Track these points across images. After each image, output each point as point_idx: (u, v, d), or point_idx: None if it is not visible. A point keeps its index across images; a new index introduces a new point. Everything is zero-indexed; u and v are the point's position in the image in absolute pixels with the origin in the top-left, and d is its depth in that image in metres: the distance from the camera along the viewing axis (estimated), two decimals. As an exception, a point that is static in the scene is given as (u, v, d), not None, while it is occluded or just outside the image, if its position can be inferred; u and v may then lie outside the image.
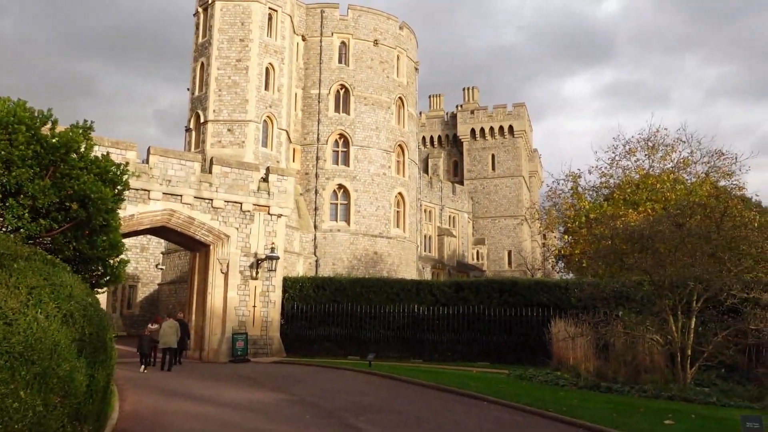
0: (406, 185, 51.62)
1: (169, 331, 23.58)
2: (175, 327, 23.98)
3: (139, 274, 44.73)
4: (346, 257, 47.10)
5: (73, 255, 9.39)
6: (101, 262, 9.65)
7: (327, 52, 49.78)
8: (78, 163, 9.51)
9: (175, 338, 23.66)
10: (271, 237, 30.68)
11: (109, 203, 9.22)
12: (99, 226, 9.23)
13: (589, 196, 36.04)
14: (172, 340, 23.42)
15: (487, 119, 74.33)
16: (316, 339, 31.08)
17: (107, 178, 9.50)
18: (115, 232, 9.81)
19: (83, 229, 9.24)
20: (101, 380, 8.37)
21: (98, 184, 9.20)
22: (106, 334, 8.67)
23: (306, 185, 48.43)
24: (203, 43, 45.14)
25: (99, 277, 9.99)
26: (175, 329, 23.87)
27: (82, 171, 9.46)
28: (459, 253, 68.25)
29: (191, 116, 45.11)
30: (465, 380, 19.19)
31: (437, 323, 30.22)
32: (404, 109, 52.41)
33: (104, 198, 9.13)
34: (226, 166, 30.03)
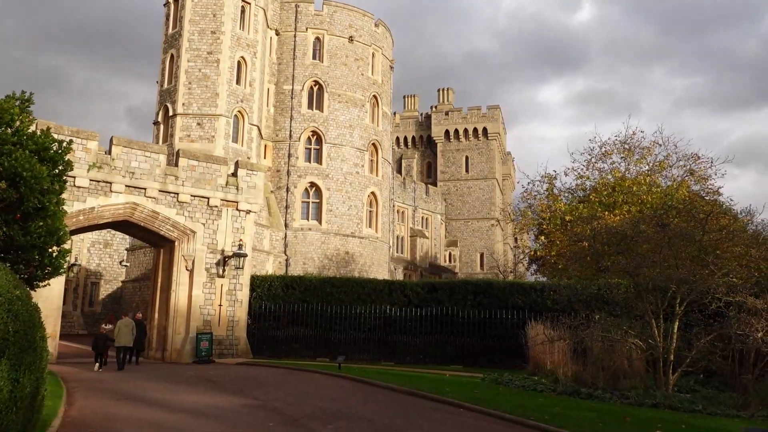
0: (380, 185, 50.61)
1: (124, 330, 23.01)
2: (130, 326, 23.40)
3: (102, 271, 42.94)
4: (317, 257, 45.90)
5: (3, 242, 8.17)
6: (38, 250, 8.44)
7: (301, 47, 48.56)
8: (11, 137, 8.29)
9: (131, 337, 23.07)
10: (239, 234, 29.38)
11: (45, 183, 8.03)
12: (33, 209, 8.03)
13: (564, 198, 35.39)
14: (127, 339, 22.85)
15: (462, 121, 73.66)
16: (285, 340, 29.83)
17: (46, 156, 8.30)
18: (54, 217, 8.61)
19: (14, 212, 8.03)
20: (28, 385, 7.18)
21: (33, 161, 7.99)
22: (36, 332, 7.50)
23: (277, 183, 47.11)
24: (173, 35, 43.60)
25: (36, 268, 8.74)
26: (130, 328, 23.29)
27: (15, 147, 8.25)
28: (431, 255, 67.41)
29: (159, 109, 43.53)
30: (439, 385, 18.19)
31: (409, 325, 29.20)
32: (379, 107, 51.41)
33: (39, 177, 7.93)
34: (193, 159, 28.65)
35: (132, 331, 23.26)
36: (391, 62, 54.26)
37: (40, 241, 8.28)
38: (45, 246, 8.45)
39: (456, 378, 21.26)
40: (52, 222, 8.47)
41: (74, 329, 39.62)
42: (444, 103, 77.10)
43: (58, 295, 25.22)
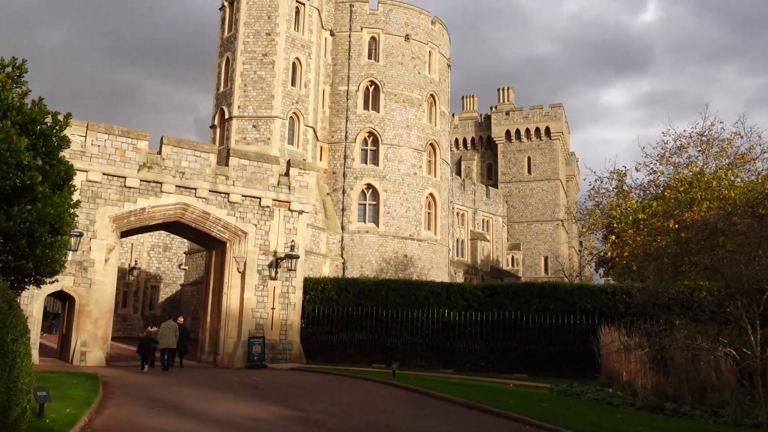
0: (438, 186, 48.82)
1: (167, 332, 23.24)
2: (173, 328, 23.58)
3: (162, 274, 42.76)
4: (374, 260, 44.47)
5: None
6: (26, 239, 7.25)
7: (356, 47, 47.38)
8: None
9: (174, 339, 23.30)
10: (291, 235, 28.21)
11: (25, 157, 6.85)
12: (13, 188, 6.84)
13: (636, 195, 32.75)
14: (170, 341, 23.11)
15: (523, 120, 71.05)
16: (339, 345, 28.44)
17: (34, 130, 7.12)
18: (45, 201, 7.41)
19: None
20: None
21: (10, 131, 6.79)
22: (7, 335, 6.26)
23: (333, 185, 45.98)
24: (228, 38, 43.17)
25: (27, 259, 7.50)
26: (173, 330, 23.49)
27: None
28: (493, 259, 65.04)
29: (216, 113, 43.13)
30: (501, 396, 16.34)
31: (469, 330, 27.31)
32: (436, 106, 49.67)
33: (15, 150, 6.73)
34: (244, 158, 27.68)
35: (175, 333, 23.40)
36: (449, 60, 52.46)
37: (25, 227, 7.08)
38: (34, 233, 7.28)
39: (520, 388, 19.32)
40: (42, 206, 7.29)
41: (134, 332, 39.47)
42: (504, 103, 74.64)
43: (109, 297, 24.63)
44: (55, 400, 13.00)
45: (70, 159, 24.07)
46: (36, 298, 22.96)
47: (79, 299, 23.61)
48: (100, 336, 23.94)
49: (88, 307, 23.65)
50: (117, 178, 24.72)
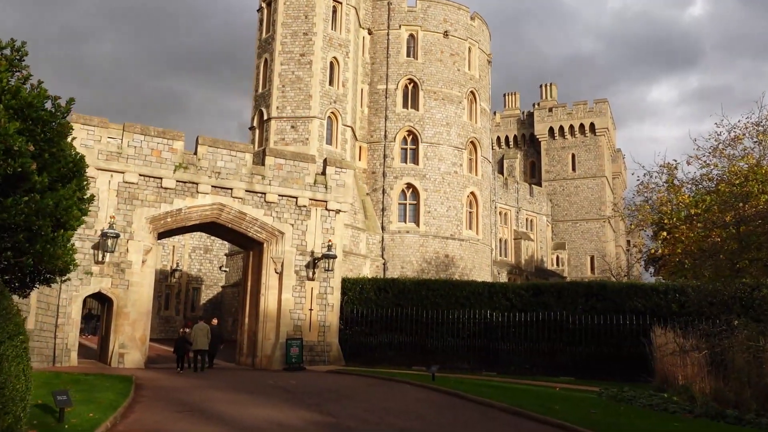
0: (479, 184, 47.67)
1: (200, 334, 23.29)
2: (205, 330, 23.55)
3: (203, 276, 42.78)
4: (415, 260, 43.61)
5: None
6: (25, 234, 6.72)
7: (394, 45, 46.65)
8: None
9: (206, 341, 23.31)
10: (328, 234, 27.60)
11: (15, 142, 6.31)
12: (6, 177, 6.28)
13: (687, 190, 31.02)
14: (203, 343, 23.14)
15: (567, 117, 69.20)
16: (378, 347, 27.71)
17: (30, 115, 6.58)
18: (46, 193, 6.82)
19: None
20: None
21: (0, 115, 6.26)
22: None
23: (373, 185, 45.32)
24: (266, 39, 42.99)
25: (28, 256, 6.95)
26: (205, 332, 23.46)
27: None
28: (537, 258, 63.46)
29: (254, 114, 42.98)
30: (547, 401, 15.32)
31: (513, 331, 26.25)
32: (476, 104, 48.55)
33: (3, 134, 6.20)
34: (280, 157, 27.21)
35: (207, 335, 23.37)
36: (489, 56, 51.27)
37: (21, 219, 6.54)
38: (31, 227, 6.75)
39: (567, 393, 18.22)
40: (41, 198, 6.74)
41: (176, 334, 39.48)
42: (547, 100, 72.89)
43: (147, 298, 24.39)
44: (82, 403, 12.60)
45: (107, 160, 24.17)
46: (74, 299, 22.89)
47: (116, 301, 23.45)
48: (137, 338, 23.74)
49: (125, 309, 23.47)
50: (153, 179, 24.51)
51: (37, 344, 20.60)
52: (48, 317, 21.65)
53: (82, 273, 23.00)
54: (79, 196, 8.06)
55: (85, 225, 23.43)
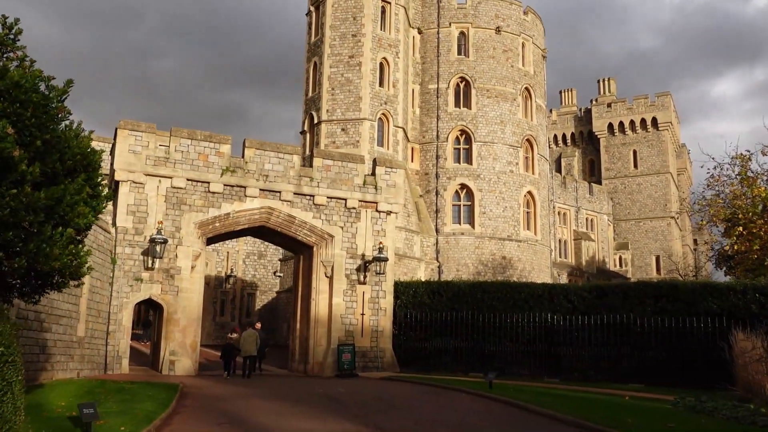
0: (536, 183, 45.86)
1: (248, 340, 23.13)
2: (254, 336, 23.40)
3: (258, 282, 42.49)
4: (471, 262, 42.17)
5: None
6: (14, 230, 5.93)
7: (445, 43, 45.41)
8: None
9: (255, 347, 23.15)
10: (379, 236, 26.62)
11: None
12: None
13: (763, 182, 28.64)
14: (251, 349, 22.99)
15: (627, 112, 66.30)
16: (433, 352, 26.49)
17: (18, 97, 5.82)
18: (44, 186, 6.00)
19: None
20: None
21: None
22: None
23: (426, 186, 44.15)
24: (315, 42, 42.50)
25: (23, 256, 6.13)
26: (254, 338, 23.29)
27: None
28: (599, 259, 60.86)
29: (305, 118, 42.53)
30: (617, 412, 13.83)
31: (575, 335, 24.61)
32: (532, 100, 46.78)
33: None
34: (328, 158, 26.41)
35: (256, 341, 23.22)
36: (543, 51, 49.40)
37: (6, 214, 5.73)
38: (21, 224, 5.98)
39: (638, 402, 16.61)
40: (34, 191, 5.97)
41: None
42: (605, 95, 70.07)
43: (197, 305, 23.93)
44: (118, 415, 11.95)
45: (155, 165, 23.88)
46: (125, 306, 22.59)
47: (166, 307, 23.06)
48: (188, 344, 23.27)
49: (175, 315, 23.05)
50: (201, 184, 24.06)
51: (87, 352, 20.34)
52: (99, 324, 21.38)
53: (132, 279, 22.73)
54: (89, 192, 7.26)
55: (134, 231, 23.39)
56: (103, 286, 21.74)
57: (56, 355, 17.82)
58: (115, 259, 22.56)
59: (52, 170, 6.40)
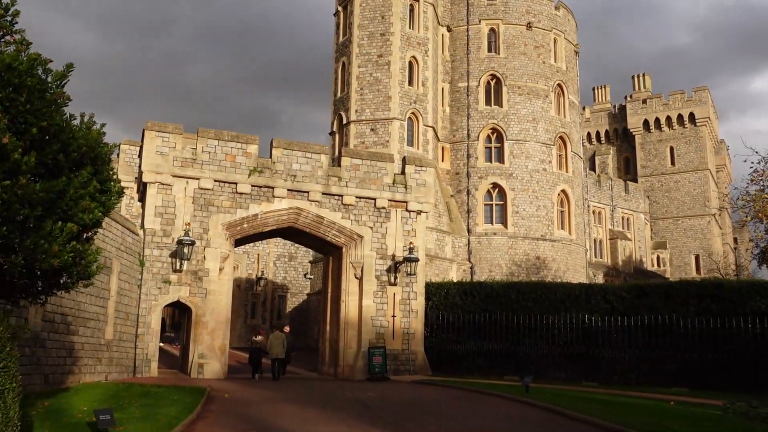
0: (570, 182, 44.70)
1: (275, 343, 22.99)
2: (281, 339, 23.23)
3: (288, 284, 42.17)
4: (504, 263, 41.26)
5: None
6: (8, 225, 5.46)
7: (475, 41, 44.60)
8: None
9: (282, 349, 23.01)
10: (410, 237, 25.97)
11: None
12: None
13: (811, 176, 27.33)
14: (279, 351, 22.86)
15: (663, 108, 64.48)
16: (466, 355, 25.75)
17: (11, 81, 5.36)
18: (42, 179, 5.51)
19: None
20: None
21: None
22: None
23: (457, 186, 43.37)
24: (343, 42, 42.11)
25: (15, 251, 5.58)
26: (281, 341, 23.12)
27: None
28: (636, 259, 59.22)
29: (334, 119, 42.15)
30: (662, 419, 12.97)
31: (614, 337, 23.62)
32: (564, 97, 45.65)
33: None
34: (357, 157, 25.87)
35: (283, 344, 23.06)
36: (576, 47, 48.22)
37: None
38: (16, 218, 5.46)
39: (684, 408, 15.65)
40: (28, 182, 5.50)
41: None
42: (640, 91, 68.26)
43: (225, 307, 23.57)
44: (139, 420, 11.54)
45: (182, 167, 23.63)
46: (153, 309, 22.36)
47: (195, 310, 22.75)
48: (217, 347, 22.93)
49: (204, 318, 22.73)
50: (228, 185, 23.73)
51: (116, 355, 20.13)
52: (127, 327, 21.17)
53: (160, 282, 22.50)
54: (97, 187, 6.80)
55: (162, 233, 23.16)
56: (132, 288, 21.54)
57: (84, 358, 17.60)
58: (143, 261, 22.35)
59: (54, 162, 5.95)
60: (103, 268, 8.42)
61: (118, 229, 20.14)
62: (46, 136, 5.66)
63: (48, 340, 15.63)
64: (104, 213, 7.32)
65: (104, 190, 7.50)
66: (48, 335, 15.62)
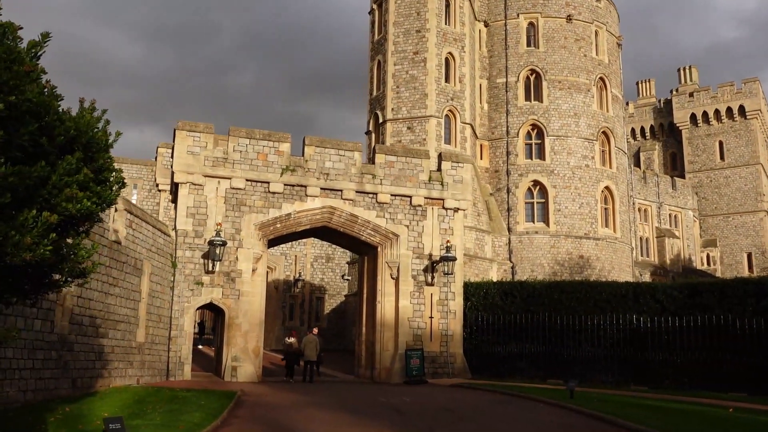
0: (614, 178, 42.99)
1: (309, 346, 22.97)
2: (315, 341, 23.24)
3: (326, 286, 41.58)
4: (546, 262, 39.85)
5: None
6: None
7: (513, 35, 43.31)
8: None
9: (315, 352, 23.06)
10: (447, 235, 25.02)
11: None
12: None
13: None
14: (312, 354, 22.91)
15: (711, 101, 61.82)
16: (507, 357, 24.62)
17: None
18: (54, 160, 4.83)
19: None
20: None
21: None
22: None
23: (496, 184, 42.13)
24: (378, 40, 41.37)
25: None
26: (315, 344, 23.15)
27: None
28: (684, 257, 56.83)
29: (369, 118, 41.44)
30: (723, 428, 11.72)
31: (665, 339, 22.18)
32: (607, 90, 43.96)
33: None
34: (391, 154, 25.04)
35: (316, 347, 23.13)
36: (618, 39, 46.44)
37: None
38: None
39: (746, 416, 14.29)
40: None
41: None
42: (686, 84, 65.62)
43: (259, 309, 23.02)
44: (160, 427, 10.92)
45: (213, 166, 23.18)
46: (186, 311, 21.93)
47: (228, 312, 22.24)
48: (250, 350, 22.37)
49: (237, 320, 22.19)
50: (260, 184, 23.17)
51: (148, 358, 19.73)
52: (160, 329, 20.77)
53: (193, 284, 22.06)
54: (90, 176, 6.13)
55: (194, 234, 22.73)
56: (164, 290, 21.14)
57: (114, 361, 17.19)
58: (175, 263, 21.95)
59: (33, 144, 5.29)
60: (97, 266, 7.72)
61: (149, 230, 19.75)
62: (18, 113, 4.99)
63: (76, 343, 15.22)
64: (99, 204, 6.62)
65: (101, 180, 6.82)
66: (76, 338, 15.22)
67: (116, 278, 17.23)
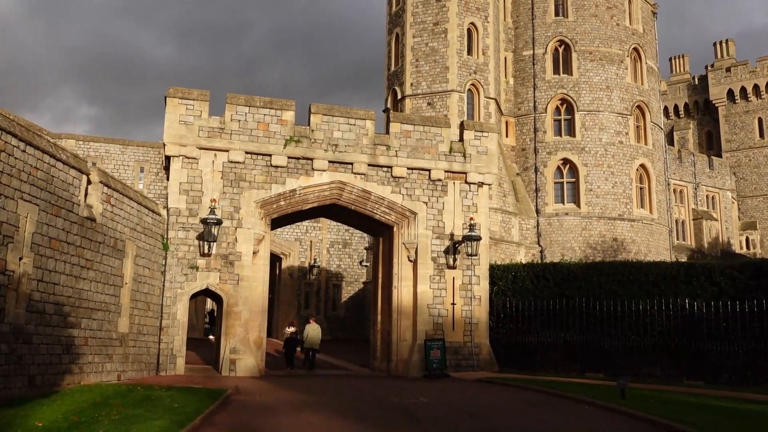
0: (650, 155, 39.48)
1: (312, 334, 22.60)
2: (317, 329, 22.96)
3: (343, 272, 38.87)
4: (577, 246, 36.63)
5: None
6: None
7: (540, 4, 39.92)
8: None
9: (318, 340, 22.75)
10: (470, 212, 22.05)
11: None
12: None
13: None
14: (315, 342, 22.56)
15: (749, 76, 57.54)
16: (539, 347, 21.64)
17: None
18: None
19: None
20: None
21: None
22: None
23: (523, 163, 38.94)
24: (396, 12, 38.39)
25: None
26: (318, 332, 22.85)
27: None
28: (723, 241, 52.88)
29: (387, 95, 38.51)
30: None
31: (724, 326, 18.97)
32: (641, 62, 40.36)
33: None
34: (407, 123, 22.12)
35: (319, 335, 22.88)
36: (653, 6, 42.71)
37: None
38: None
39: None
40: None
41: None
42: (723, 59, 61.25)
43: (260, 295, 20.37)
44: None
45: (209, 137, 20.52)
46: (179, 298, 19.37)
47: (226, 298, 19.62)
48: (251, 341, 19.75)
49: (236, 308, 19.56)
50: (261, 157, 20.45)
51: (133, 350, 17.18)
52: (149, 319, 18.22)
53: (187, 267, 19.48)
54: None
55: (188, 213, 20.17)
56: (153, 275, 18.57)
57: (87, 355, 14.65)
58: (167, 245, 19.38)
59: None
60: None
61: (133, 206, 17.17)
62: None
63: (36, 335, 12.69)
64: None
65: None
66: (35, 328, 12.69)
67: (90, 260, 14.67)
